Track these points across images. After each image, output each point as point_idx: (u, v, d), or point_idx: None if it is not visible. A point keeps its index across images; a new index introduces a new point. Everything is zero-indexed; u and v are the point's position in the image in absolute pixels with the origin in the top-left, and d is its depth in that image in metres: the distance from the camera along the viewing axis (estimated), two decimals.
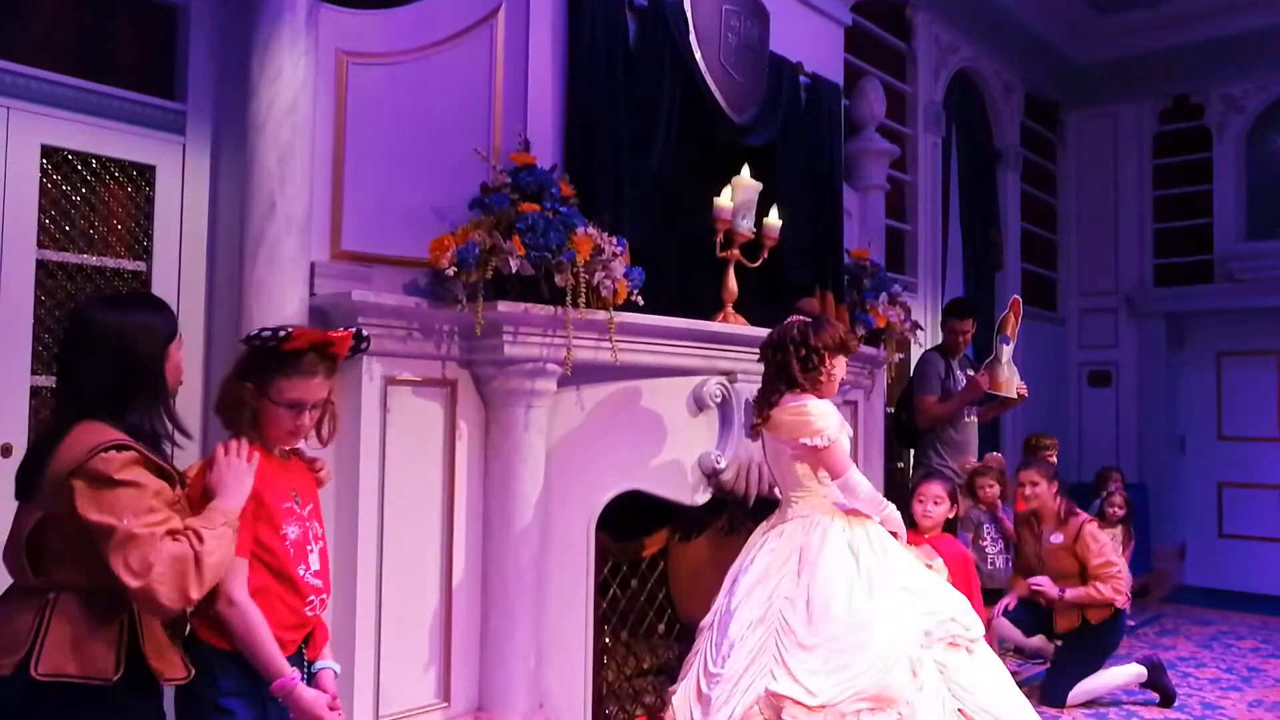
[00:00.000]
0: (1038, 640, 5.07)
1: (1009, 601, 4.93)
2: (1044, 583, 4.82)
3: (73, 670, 1.85)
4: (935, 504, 4.20)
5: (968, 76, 7.21)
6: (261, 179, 2.94)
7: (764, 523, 3.42)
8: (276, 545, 2.17)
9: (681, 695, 3.20)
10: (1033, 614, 4.93)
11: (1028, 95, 7.92)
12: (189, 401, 3.14)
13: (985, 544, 5.40)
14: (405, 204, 3.28)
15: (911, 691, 2.93)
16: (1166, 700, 4.87)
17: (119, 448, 1.88)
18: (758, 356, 3.50)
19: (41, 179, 2.89)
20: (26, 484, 1.95)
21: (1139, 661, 4.96)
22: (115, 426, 1.93)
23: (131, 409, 1.98)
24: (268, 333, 2.18)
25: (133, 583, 1.81)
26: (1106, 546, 4.89)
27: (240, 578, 2.08)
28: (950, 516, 4.26)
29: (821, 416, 3.25)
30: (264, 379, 2.19)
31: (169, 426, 2.06)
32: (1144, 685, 4.92)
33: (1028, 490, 4.96)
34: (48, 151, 2.91)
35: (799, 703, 2.92)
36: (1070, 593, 4.79)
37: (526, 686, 3.35)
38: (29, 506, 1.94)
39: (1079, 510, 5.11)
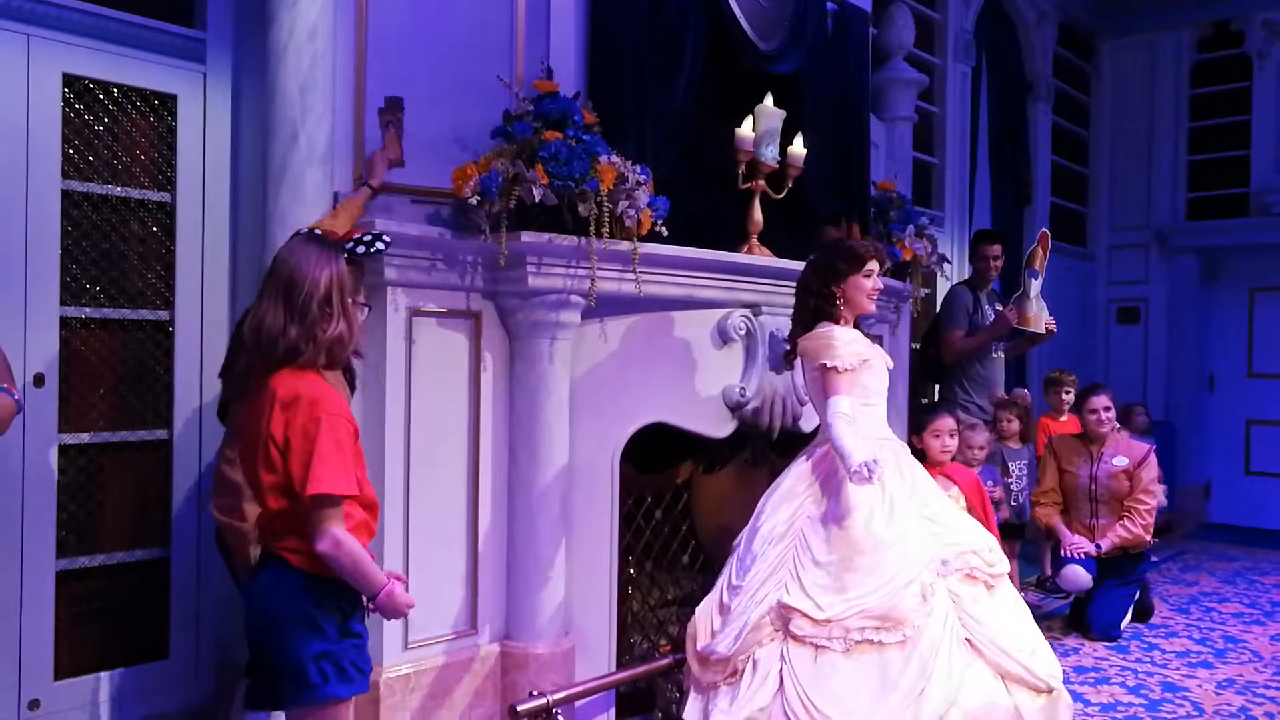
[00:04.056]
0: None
1: (1081, 550, 4.94)
2: (1081, 542, 4.95)
3: None
4: (951, 437, 4.29)
5: (999, 4, 7.01)
6: (283, 108, 2.91)
7: (803, 447, 3.45)
8: (363, 475, 2.21)
9: (705, 606, 3.29)
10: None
11: (1061, 24, 7.71)
12: (216, 335, 3.18)
13: (1011, 481, 5.39)
14: (428, 133, 3.24)
15: (920, 615, 2.96)
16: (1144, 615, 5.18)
17: None
18: (790, 295, 3.51)
19: (64, 108, 2.88)
20: None
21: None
22: None
23: None
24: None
25: None
26: (1155, 482, 5.04)
27: (340, 517, 2.09)
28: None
29: (846, 344, 3.26)
30: (354, 286, 2.22)
31: None
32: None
33: (1102, 415, 5.01)
34: (69, 80, 2.89)
35: (806, 615, 2.98)
36: (1106, 545, 4.91)
37: (552, 615, 3.39)
38: None
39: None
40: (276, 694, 2.17)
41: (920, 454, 4.15)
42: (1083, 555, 4.92)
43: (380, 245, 2.25)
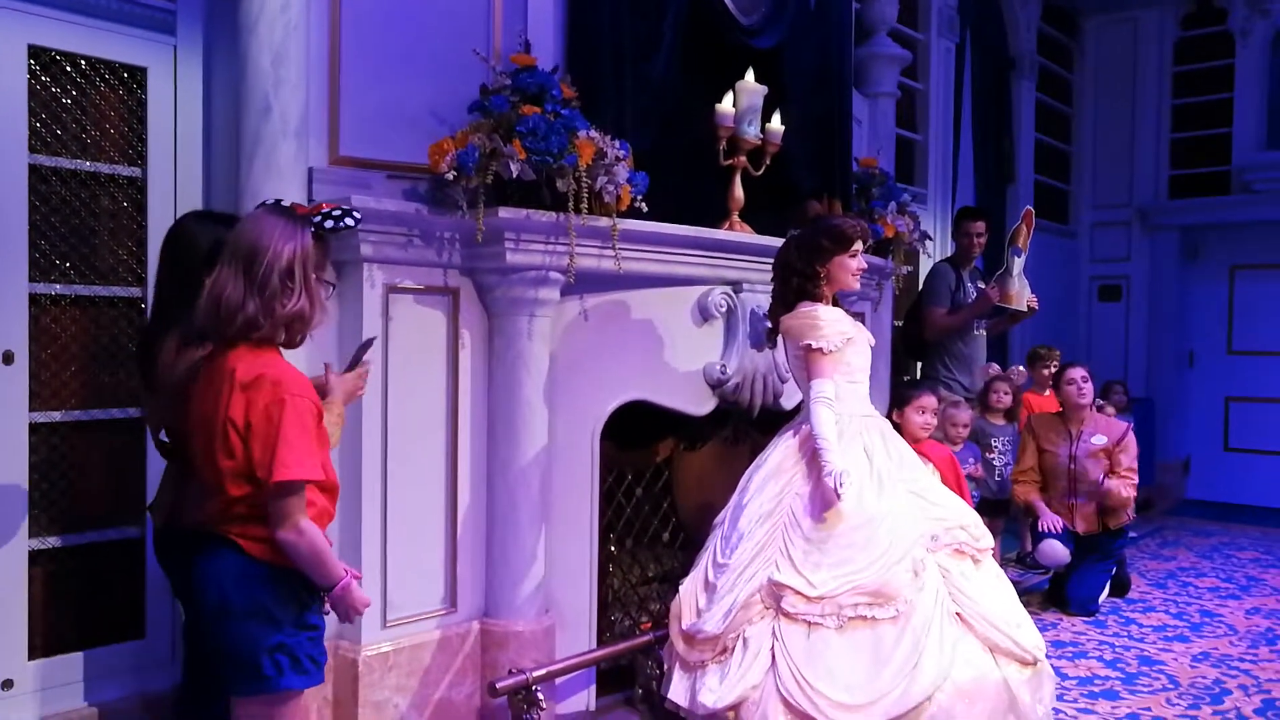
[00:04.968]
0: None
1: (1054, 525, 4.96)
2: (1057, 520, 4.96)
3: None
4: (933, 415, 4.30)
5: None
6: (255, 81, 2.86)
7: (787, 424, 3.44)
8: (326, 458, 2.14)
9: (689, 584, 3.28)
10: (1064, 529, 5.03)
11: (1045, 0, 7.68)
12: None
13: (993, 457, 5.41)
14: (404, 107, 3.20)
15: (911, 590, 2.97)
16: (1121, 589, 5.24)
17: None
18: (769, 275, 3.49)
19: (30, 81, 2.82)
20: None
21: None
22: None
23: None
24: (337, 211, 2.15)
25: None
26: (1135, 460, 5.07)
27: (304, 504, 2.05)
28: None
29: (831, 323, 3.25)
30: (319, 263, 2.14)
31: None
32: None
33: (1080, 384, 5.02)
34: (35, 52, 2.83)
35: (799, 592, 2.98)
36: (1114, 485, 4.91)
37: (532, 593, 3.39)
38: None
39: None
40: (228, 686, 2.14)
41: (897, 429, 4.17)
42: (1059, 531, 4.95)
43: (350, 221, 2.16)
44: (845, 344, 3.27)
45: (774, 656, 2.98)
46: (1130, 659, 4.26)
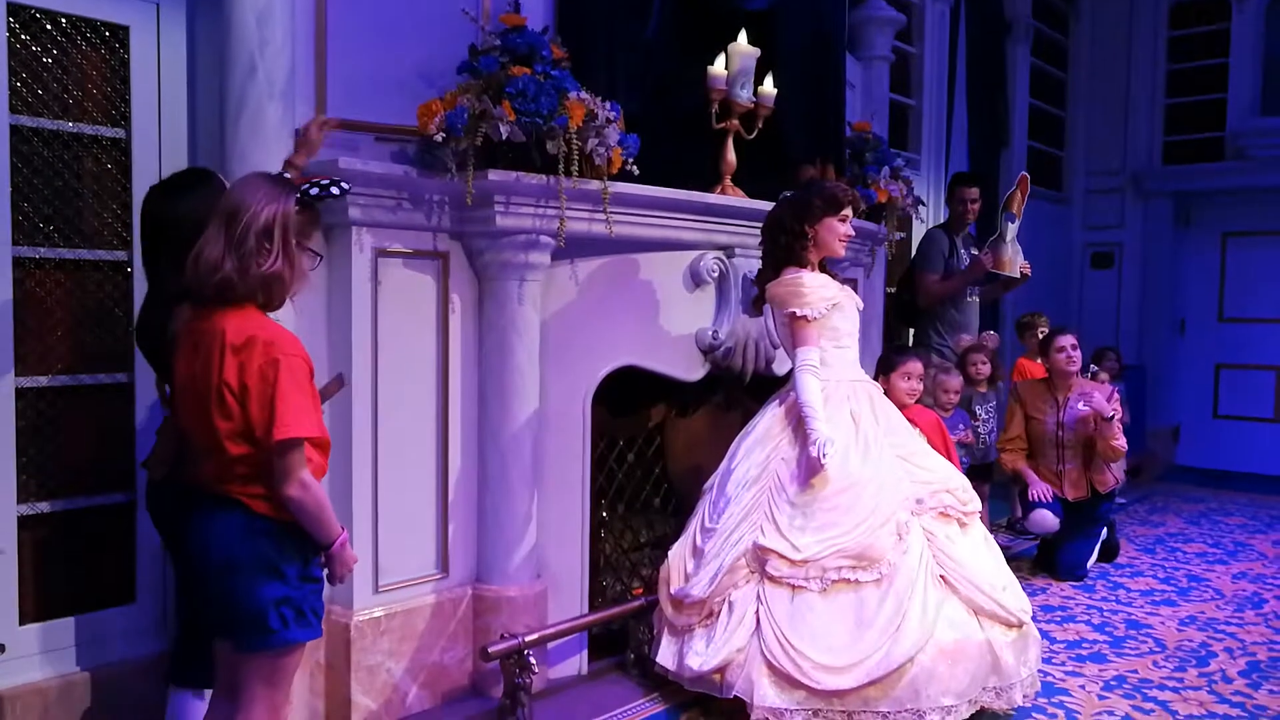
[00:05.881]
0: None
1: (1044, 494, 4.95)
2: (1046, 489, 4.95)
3: None
4: (919, 380, 4.27)
5: None
6: (240, 40, 2.81)
7: (776, 392, 3.45)
8: (318, 415, 2.16)
9: (677, 549, 3.30)
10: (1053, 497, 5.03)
11: None
12: None
13: (978, 424, 5.41)
14: (392, 68, 3.15)
15: (895, 553, 2.99)
16: (1110, 554, 5.27)
17: None
18: (759, 238, 3.48)
19: (9, 39, 2.77)
20: None
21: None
22: None
23: None
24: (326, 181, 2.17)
25: None
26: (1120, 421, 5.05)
27: (304, 460, 2.07)
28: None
29: (814, 290, 3.25)
30: (304, 230, 2.16)
31: None
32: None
33: (1070, 352, 5.01)
34: (14, 9, 2.77)
35: (783, 556, 3.01)
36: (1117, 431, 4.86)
37: (523, 558, 3.39)
38: None
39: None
40: (233, 641, 2.16)
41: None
42: (1049, 500, 4.96)
43: (336, 190, 2.17)
44: (830, 309, 3.27)
45: (758, 620, 3.00)
46: (1118, 623, 4.30)
